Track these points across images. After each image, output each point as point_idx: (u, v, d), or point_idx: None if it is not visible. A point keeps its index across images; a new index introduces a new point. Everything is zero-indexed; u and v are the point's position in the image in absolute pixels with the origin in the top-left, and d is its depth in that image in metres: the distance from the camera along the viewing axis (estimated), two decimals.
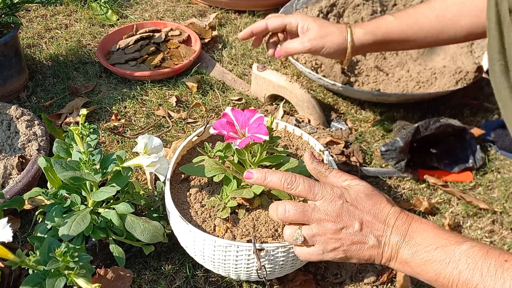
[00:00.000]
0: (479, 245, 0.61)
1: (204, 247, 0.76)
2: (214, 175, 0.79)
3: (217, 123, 0.74)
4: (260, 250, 0.73)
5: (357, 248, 0.66)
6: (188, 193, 0.83)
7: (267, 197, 0.80)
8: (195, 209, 0.80)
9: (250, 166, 0.78)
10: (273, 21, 1.03)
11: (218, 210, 0.79)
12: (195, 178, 0.86)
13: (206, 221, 0.79)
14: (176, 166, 0.87)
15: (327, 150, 0.90)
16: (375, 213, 0.66)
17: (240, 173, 0.77)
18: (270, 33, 1.07)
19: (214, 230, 0.78)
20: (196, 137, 0.92)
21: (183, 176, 0.85)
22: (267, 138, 0.71)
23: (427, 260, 0.62)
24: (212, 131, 0.74)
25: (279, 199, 0.79)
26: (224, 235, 0.77)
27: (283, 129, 0.97)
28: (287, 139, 0.95)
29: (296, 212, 0.66)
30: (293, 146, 0.93)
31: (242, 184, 0.79)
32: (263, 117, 0.74)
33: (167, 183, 0.82)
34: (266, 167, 0.83)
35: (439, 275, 0.61)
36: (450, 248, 0.62)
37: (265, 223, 0.78)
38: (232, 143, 0.72)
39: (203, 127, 0.92)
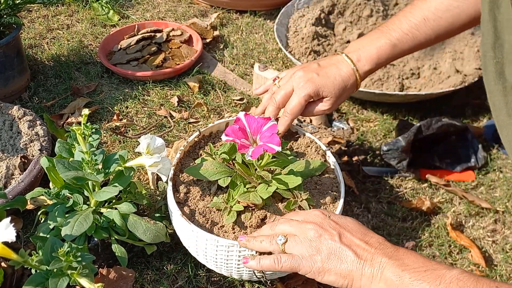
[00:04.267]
0: (470, 273, 0.60)
1: (206, 247, 0.76)
2: (220, 179, 0.79)
3: (229, 130, 0.74)
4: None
5: (335, 259, 0.65)
6: (191, 193, 0.83)
7: (272, 197, 0.80)
8: (198, 208, 0.80)
9: (256, 169, 0.78)
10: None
11: (224, 213, 0.78)
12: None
13: (209, 221, 0.79)
14: (177, 165, 0.87)
15: (329, 149, 0.91)
16: (360, 233, 0.67)
17: (247, 175, 0.77)
18: None
19: (217, 229, 0.78)
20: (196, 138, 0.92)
21: (185, 175, 0.85)
22: (279, 149, 0.71)
23: (416, 279, 0.60)
24: (224, 138, 0.73)
25: (283, 198, 0.79)
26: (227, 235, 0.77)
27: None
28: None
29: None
30: (299, 145, 0.93)
31: (247, 186, 0.78)
32: (276, 126, 0.74)
33: (170, 182, 0.82)
34: (272, 170, 0.83)
35: None
36: (440, 272, 0.60)
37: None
38: (245, 153, 0.71)
39: (197, 132, 0.92)
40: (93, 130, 0.79)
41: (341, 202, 0.80)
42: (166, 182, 0.82)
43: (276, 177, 0.79)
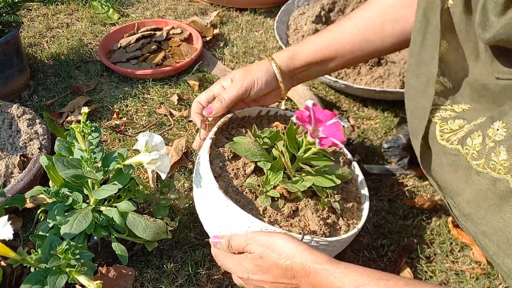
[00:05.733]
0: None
1: (238, 226, 0.73)
2: (260, 161, 0.78)
3: (299, 114, 0.74)
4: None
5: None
6: (225, 169, 0.81)
7: (302, 192, 0.80)
8: (232, 185, 0.78)
9: (300, 160, 0.78)
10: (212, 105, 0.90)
11: (260, 196, 0.77)
12: (229, 152, 0.83)
13: (240, 200, 0.77)
14: (213, 140, 0.83)
15: (354, 160, 0.91)
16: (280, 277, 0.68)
17: (287, 165, 0.77)
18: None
19: (248, 210, 0.76)
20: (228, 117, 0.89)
21: (221, 150, 0.83)
22: (342, 146, 0.72)
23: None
24: (295, 120, 0.73)
25: (313, 195, 0.80)
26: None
27: None
28: None
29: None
30: None
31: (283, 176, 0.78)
32: (340, 124, 0.75)
33: (206, 154, 0.78)
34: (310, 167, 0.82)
35: None
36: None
37: (306, 215, 0.78)
38: (316, 140, 0.72)
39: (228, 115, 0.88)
40: (93, 128, 0.78)
41: (364, 214, 0.81)
42: (165, 179, 0.82)
43: (314, 172, 0.79)
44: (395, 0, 0.91)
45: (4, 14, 1.13)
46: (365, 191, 0.87)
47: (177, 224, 0.87)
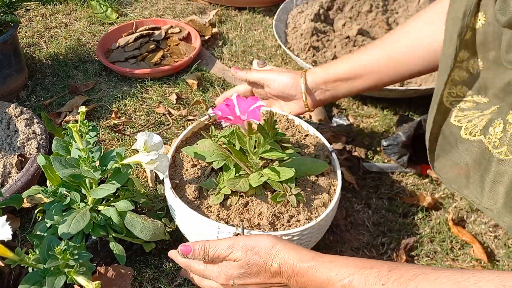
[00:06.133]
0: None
1: (189, 223, 0.78)
2: (215, 161, 0.80)
3: (219, 109, 0.76)
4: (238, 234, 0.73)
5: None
6: (187, 170, 0.84)
7: (263, 187, 0.80)
8: (190, 186, 0.82)
9: (253, 156, 0.79)
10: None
11: (212, 194, 0.79)
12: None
13: (197, 199, 0.80)
14: (182, 142, 0.90)
15: (334, 152, 0.90)
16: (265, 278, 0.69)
17: (240, 161, 0.78)
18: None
19: (205, 208, 0.79)
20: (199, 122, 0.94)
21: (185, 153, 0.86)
22: (259, 122, 0.74)
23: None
24: (211, 111, 0.76)
25: (275, 190, 0.79)
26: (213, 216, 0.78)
27: (292, 122, 0.96)
28: (294, 132, 0.95)
29: None
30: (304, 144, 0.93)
31: (240, 172, 0.79)
32: (261, 105, 0.75)
33: (169, 157, 0.84)
34: (268, 161, 0.82)
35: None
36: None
37: (254, 212, 0.78)
38: (222, 121, 0.75)
39: (200, 119, 0.94)
40: (90, 127, 0.78)
41: (328, 210, 0.79)
42: (163, 180, 0.82)
43: (270, 167, 0.79)
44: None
45: (1, 14, 1.13)
46: (338, 184, 0.84)
47: (175, 226, 0.87)
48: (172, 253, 0.76)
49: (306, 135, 0.94)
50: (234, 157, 0.78)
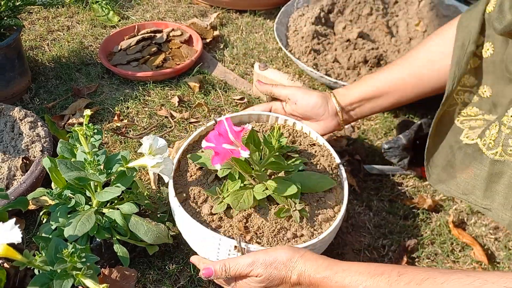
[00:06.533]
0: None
1: (190, 230, 0.78)
2: (220, 169, 0.79)
3: (211, 135, 0.74)
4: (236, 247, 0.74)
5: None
6: (192, 176, 0.84)
7: (267, 200, 0.79)
8: (194, 192, 0.81)
9: (256, 167, 0.78)
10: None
11: (215, 202, 0.79)
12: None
13: (200, 206, 0.80)
14: (188, 147, 0.89)
15: (342, 164, 0.87)
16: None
17: (244, 172, 0.77)
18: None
19: (206, 216, 0.79)
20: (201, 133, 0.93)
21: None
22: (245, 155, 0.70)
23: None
24: (204, 144, 0.74)
25: (278, 203, 0.79)
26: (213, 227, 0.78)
27: (292, 127, 0.96)
28: (301, 141, 0.94)
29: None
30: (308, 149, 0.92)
31: (245, 182, 0.78)
32: (246, 128, 0.74)
33: (175, 162, 0.84)
34: (272, 173, 0.82)
35: None
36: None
37: (257, 225, 0.78)
38: (216, 163, 0.71)
39: (207, 124, 0.93)
40: (95, 130, 0.79)
41: (331, 227, 0.78)
42: (167, 183, 0.83)
43: (275, 178, 0.78)
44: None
45: (5, 18, 1.13)
46: (344, 200, 0.82)
47: (178, 230, 0.87)
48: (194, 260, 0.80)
49: (313, 144, 0.92)
50: (239, 167, 0.77)
